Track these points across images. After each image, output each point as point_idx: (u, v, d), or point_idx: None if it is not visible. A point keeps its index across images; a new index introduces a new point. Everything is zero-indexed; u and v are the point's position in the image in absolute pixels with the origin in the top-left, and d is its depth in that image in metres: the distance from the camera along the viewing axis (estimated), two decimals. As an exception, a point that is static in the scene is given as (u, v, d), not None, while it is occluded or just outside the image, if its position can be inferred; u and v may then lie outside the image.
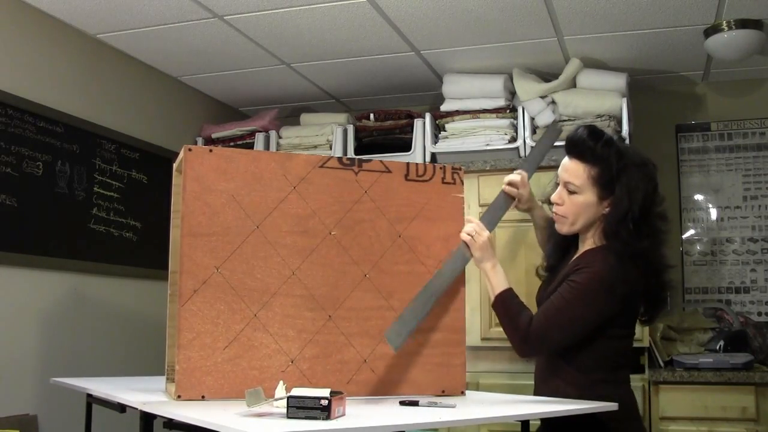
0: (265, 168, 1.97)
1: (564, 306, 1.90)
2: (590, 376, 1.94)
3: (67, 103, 3.32)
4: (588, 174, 1.96)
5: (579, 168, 1.97)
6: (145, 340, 3.61)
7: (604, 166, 1.94)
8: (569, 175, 1.99)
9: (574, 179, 1.98)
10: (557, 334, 1.90)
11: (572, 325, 1.89)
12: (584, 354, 1.95)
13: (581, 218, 2.00)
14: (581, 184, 1.97)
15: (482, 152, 3.67)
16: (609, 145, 1.97)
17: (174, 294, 1.96)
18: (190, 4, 3.11)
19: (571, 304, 1.89)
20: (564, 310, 1.89)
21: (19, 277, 3.04)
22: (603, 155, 1.95)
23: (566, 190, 2.00)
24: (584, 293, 1.88)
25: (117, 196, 3.57)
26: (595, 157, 1.95)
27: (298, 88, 4.18)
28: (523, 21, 3.27)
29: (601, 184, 1.95)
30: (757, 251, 3.85)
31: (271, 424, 1.40)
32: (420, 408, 1.79)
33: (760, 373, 3.12)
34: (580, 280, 1.91)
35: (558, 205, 2.03)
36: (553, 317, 1.90)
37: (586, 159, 1.97)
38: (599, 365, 1.95)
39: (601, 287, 1.88)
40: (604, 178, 1.94)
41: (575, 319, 1.89)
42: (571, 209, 2.00)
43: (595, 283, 1.88)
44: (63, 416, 3.13)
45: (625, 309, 1.95)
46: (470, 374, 2.27)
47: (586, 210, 1.98)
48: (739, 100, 3.97)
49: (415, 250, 2.09)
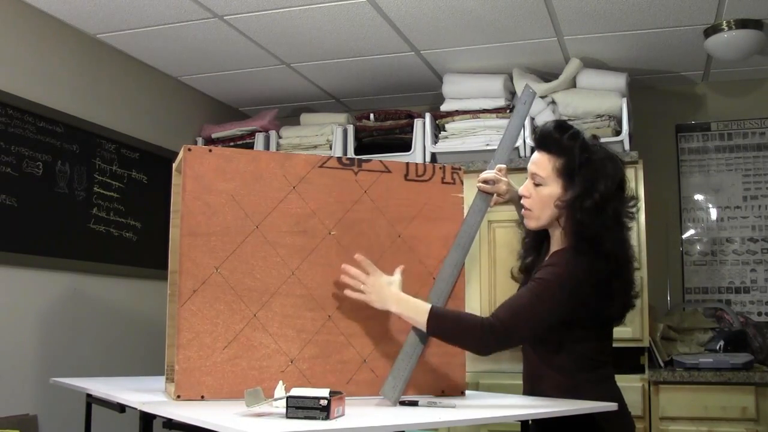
0: (265, 168, 1.97)
1: (528, 301, 1.88)
2: (573, 377, 1.94)
3: (67, 103, 3.32)
4: (553, 165, 1.97)
5: (545, 159, 1.98)
6: (145, 340, 3.62)
7: (568, 158, 1.95)
8: (535, 167, 2.00)
9: (539, 171, 1.99)
10: (522, 326, 1.87)
11: (536, 319, 1.87)
12: (563, 357, 1.95)
13: (546, 211, 1.99)
14: (546, 176, 1.97)
15: (482, 152, 3.67)
16: (574, 138, 1.97)
17: (173, 294, 1.96)
18: (190, 4, 3.11)
19: (536, 299, 1.87)
20: (528, 305, 1.88)
21: (19, 277, 3.04)
22: (568, 147, 1.96)
23: (533, 183, 2.01)
24: (547, 289, 1.87)
25: (117, 196, 3.57)
26: (560, 149, 1.96)
27: (298, 88, 4.18)
28: (523, 21, 3.27)
29: (565, 176, 1.95)
30: (757, 251, 3.85)
31: (271, 424, 1.40)
32: (420, 408, 1.79)
33: (760, 373, 3.11)
34: (544, 276, 1.91)
35: (526, 197, 2.03)
36: (519, 310, 1.88)
37: (551, 151, 1.98)
38: (580, 366, 1.95)
39: (564, 284, 1.87)
40: (568, 170, 1.95)
41: (539, 313, 1.87)
42: (536, 202, 2.00)
43: (559, 280, 1.88)
44: (63, 416, 3.13)
45: (593, 308, 1.93)
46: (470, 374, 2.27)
47: (551, 202, 1.98)
48: (739, 100, 3.97)
49: (414, 250, 2.09)
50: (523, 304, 1.89)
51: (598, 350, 1.98)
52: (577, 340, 1.94)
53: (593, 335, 1.97)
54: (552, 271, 1.91)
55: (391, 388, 1.90)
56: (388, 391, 1.90)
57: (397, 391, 1.90)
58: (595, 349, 1.97)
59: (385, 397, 1.90)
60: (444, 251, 2.10)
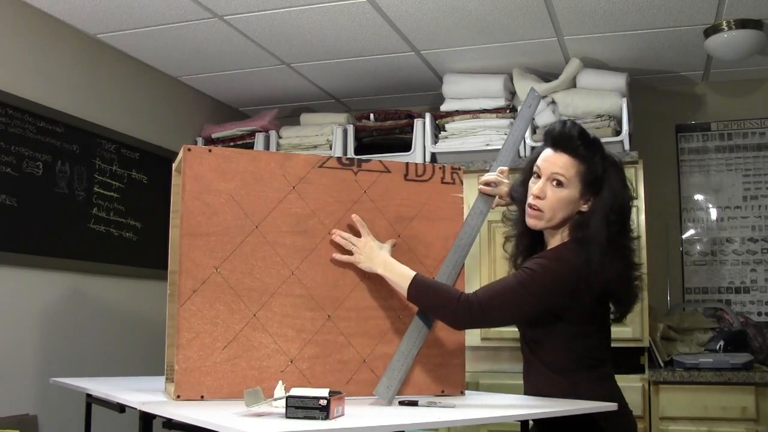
0: (265, 168, 1.97)
1: (509, 285, 1.88)
2: (570, 377, 1.94)
3: (67, 103, 3.32)
4: (577, 169, 1.93)
5: (568, 162, 1.94)
6: (145, 340, 3.62)
7: (590, 165, 1.93)
8: (558, 167, 1.94)
9: (563, 171, 1.93)
10: (498, 308, 1.87)
11: (515, 304, 1.87)
12: (562, 356, 1.94)
13: (560, 213, 1.95)
14: (570, 178, 1.93)
15: (482, 152, 3.67)
16: (596, 145, 1.96)
17: (173, 294, 1.96)
18: (190, 4, 3.11)
19: (518, 285, 1.87)
20: (509, 288, 1.88)
21: (19, 277, 3.04)
22: (590, 155, 1.94)
23: (551, 183, 1.95)
24: (532, 278, 1.87)
25: (117, 196, 3.57)
26: (583, 154, 1.94)
27: (298, 88, 4.18)
28: (523, 21, 3.27)
29: (585, 182, 1.94)
30: (757, 251, 3.84)
31: (270, 424, 1.40)
32: (419, 408, 1.79)
33: (760, 373, 3.11)
34: (534, 266, 1.89)
35: (539, 198, 1.96)
36: (499, 292, 1.88)
37: (575, 154, 1.94)
38: (576, 366, 1.94)
39: (549, 276, 1.86)
40: (590, 177, 1.93)
41: (519, 299, 1.86)
42: (552, 203, 1.95)
43: (547, 271, 1.87)
44: (63, 416, 3.13)
45: (586, 304, 1.92)
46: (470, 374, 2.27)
47: (567, 205, 1.94)
48: (739, 100, 3.97)
49: (414, 250, 2.09)
50: (504, 287, 1.90)
51: (597, 349, 1.98)
52: (574, 338, 1.93)
53: (591, 333, 1.96)
54: (541, 262, 1.90)
55: (385, 388, 1.91)
56: (382, 390, 1.91)
57: (391, 391, 1.90)
58: (594, 348, 1.97)
59: (379, 396, 1.90)
60: (444, 251, 2.10)
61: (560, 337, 1.94)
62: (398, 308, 2.05)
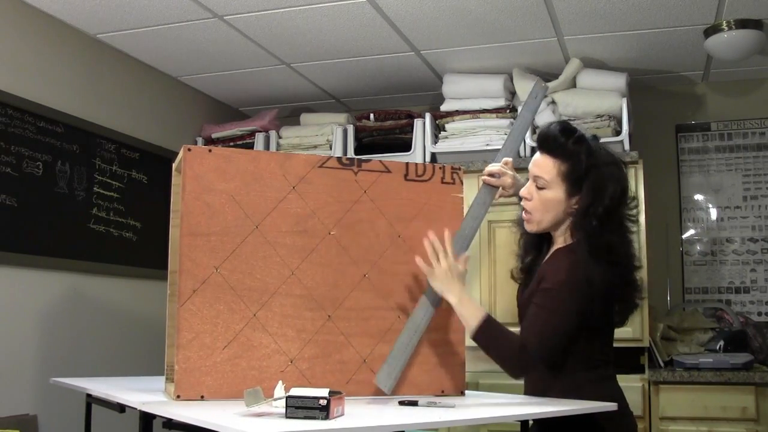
0: (265, 168, 1.97)
1: (547, 315, 1.88)
2: (574, 377, 1.94)
3: (67, 103, 3.32)
4: (558, 170, 1.95)
5: (549, 163, 1.96)
6: (145, 340, 3.62)
7: (574, 163, 1.93)
8: (539, 170, 1.98)
9: (544, 174, 1.96)
10: (550, 342, 1.88)
11: (562, 332, 1.88)
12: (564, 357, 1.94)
13: (548, 215, 1.98)
14: (550, 179, 1.95)
15: (482, 152, 3.67)
16: (580, 142, 1.96)
17: (173, 294, 1.96)
18: (190, 4, 3.11)
19: (554, 310, 1.87)
20: (549, 318, 1.88)
21: (19, 277, 3.04)
22: (574, 152, 1.94)
23: (535, 186, 1.99)
24: (560, 296, 1.87)
25: (117, 196, 3.57)
26: (565, 153, 1.94)
27: (298, 88, 4.18)
28: (523, 21, 3.27)
29: (570, 181, 1.94)
30: (757, 251, 3.84)
31: (270, 423, 1.40)
32: (419, 408, 1.79)
33: (760, 373, 3.11)
34: (551, 286, 1.90)
35: (527, 200, 2.01)
36: (542, 328, 1.88)
37: (556, 154, 1.95)
38: (581, 366, 1.94)
39: (572, 287, 1.87)
40: (574, 175, 1.93)
41: (561, 323, 1.87)
42: (538, 205, 1.98)
43: (568, 285, 1.87)
44: (63, 416, 3.13)
45: (600, 311, 1.93)
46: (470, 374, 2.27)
47: (554, 206, 1.96)
48: (739, 100, 3.97)
49: (414, 250, 2.09)
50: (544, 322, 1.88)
51: (599, 350, 1.98)
52: (578, 341, 1.93)
53: (595, 335, 1.97)
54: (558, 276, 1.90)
55: (386, 376, 1.91)
56: (383, 378, 1.91)
57: (392, 379, 1.90)
58: (596, 349, 1.97)
59: (380, 385, 1.90)
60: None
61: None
62: (398, 308, 2.04)
